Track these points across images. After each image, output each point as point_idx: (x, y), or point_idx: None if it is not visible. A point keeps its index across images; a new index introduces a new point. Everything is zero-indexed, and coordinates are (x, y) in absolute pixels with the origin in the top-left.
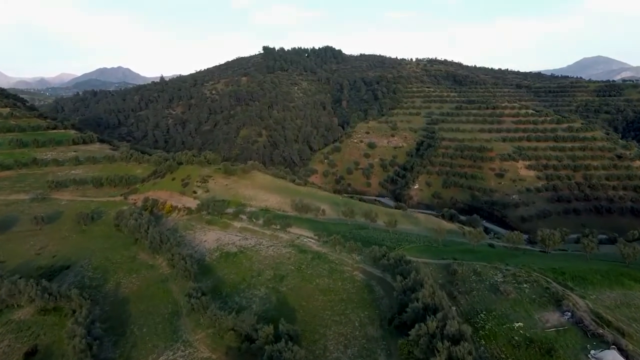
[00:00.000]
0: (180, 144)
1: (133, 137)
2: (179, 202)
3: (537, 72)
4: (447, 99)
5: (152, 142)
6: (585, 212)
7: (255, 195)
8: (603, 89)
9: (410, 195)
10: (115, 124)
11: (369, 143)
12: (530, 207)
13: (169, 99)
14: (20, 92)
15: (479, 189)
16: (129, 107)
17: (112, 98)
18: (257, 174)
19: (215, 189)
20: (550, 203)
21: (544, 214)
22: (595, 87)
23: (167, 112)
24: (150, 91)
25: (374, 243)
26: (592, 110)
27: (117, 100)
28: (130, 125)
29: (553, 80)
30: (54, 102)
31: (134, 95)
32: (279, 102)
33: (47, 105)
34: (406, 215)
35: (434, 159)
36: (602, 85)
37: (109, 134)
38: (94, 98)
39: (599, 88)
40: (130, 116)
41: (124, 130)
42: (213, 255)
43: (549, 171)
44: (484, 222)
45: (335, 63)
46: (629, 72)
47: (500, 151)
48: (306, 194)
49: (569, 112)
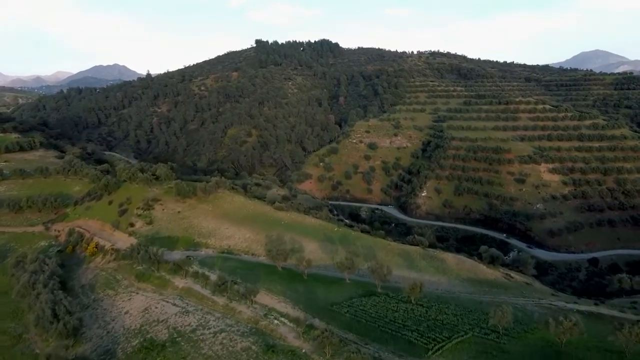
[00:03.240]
0: (164, 144)
1: (114, 137)
2: (109, 238)
3: (544, 65)
4: (453, 93)
5: (133, 142)
6: (621, 223)
7: (217, 229)
8: (621, 81)
9: (417, 204)
10: (94, 124)
11: (370, 143)
12: (558, 218)
13: (154, 96)
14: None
15: (497, 197)
16: (111, 105)
17: (95, 96)
18: (223, 196)
19: (161, 220)
20: (580, 213)
21: (574, 226)
22: (612, 80)
23: (151, 110)
24: (134, 88)
25: (390, 331)
26: (611, 104)
27: (100, 98)
28: (111, 124)
29: (562, 73)
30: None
31: (117, 92)
32: (270, 99)
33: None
34: (428, 256)
35: (443, 161)
36: (620, 78)
37: (88, 134)
38: (78, 96)
39: (616, 81)
40: (112, 115)
41: (104, 130)
42: (129, 344)
43: (575, 175)
44: (504, 236)
45: (332, 57)
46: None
47: (519, 152)
48: (288, 224)
49: (585, 107)
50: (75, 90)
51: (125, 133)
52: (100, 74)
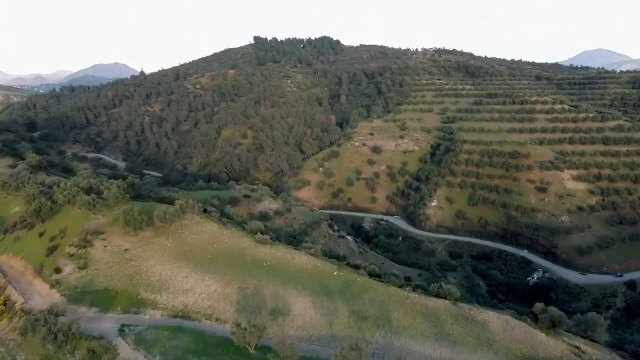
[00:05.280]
0: (155, 146)
1: (103, 138)
2: (26, 290)
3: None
4: (462, 92)
5: (123, 144)
6: None
7: (172, 278)
8: (639, 80)
9: (427, 215)
10: (83, 124)
11: (374, 147)
12: (587, 233)
13: (147, 94)
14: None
15: (516, 208)
16: (101, 104)
17: (86, 95)
18: (190, 224)
19: (100, 263)
20: (610, 227)
21: (605, 242)
22: (630, 78)
23: (143, 109)
24: (127, 86)
25: None
26: (631, 104)
27: (91, 97)
28: (100, 125)
29: (574, 71)
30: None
31: (108, 90)
32: (267, 98)
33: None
34: (463, 317)
35: (455, 167)
36: (638, 76)
37: (75, 135)
38: (71, 95)
39: (633, 79)
40: (102, 114)
41: (93, 130)
42: None
43: (603, 184)
44: (525, 252)
45: (333, 54)
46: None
47: (539, 157)
48: (271, 268)
49: (603, 107)
50: (68, 89)
51: (115, 134)
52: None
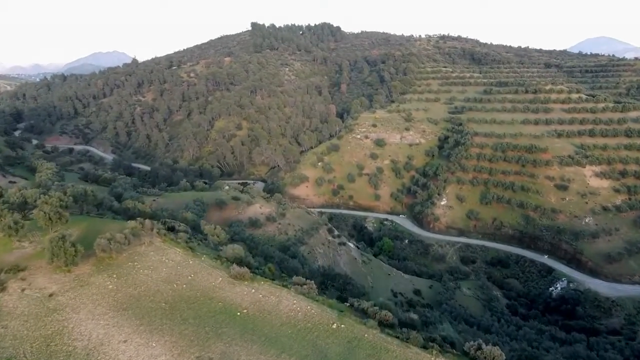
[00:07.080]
0: (145, 138)
1: (91, 129)
2: None
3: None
4: (470, 80)
5: (112, 135)
6: None
7: (105, 343)
8: None
9: (436, 215)
10: (70, 114)
11: (377, 139)
12: (614, 237)
13: (138, 83)
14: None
15: (534, 208)
16: (90, 93)
17: (75, 83)
18: (146, 252)
19: (12, 315)
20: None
21: (636, 247)
22: None
23: (135, 99)
24: (117, 74)
25: None
26: None
27: (81, 85)
28: (89, 115)
29: (583, 58)
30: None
31: (98, 79)
32: (264, 86)
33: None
34: None
35: (465, 162)
36: None
37: (62, 126)
38: (62, 83)
39: None
40: (91, 104)
41: (81, 121)
42: None
43: (628, 180)
44: (545, 257)
45: (333, 41)
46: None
47: (558, 152)
48: (247, 320)
49: (619, 96)
50: (59, 77)
51: (104, 125)
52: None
